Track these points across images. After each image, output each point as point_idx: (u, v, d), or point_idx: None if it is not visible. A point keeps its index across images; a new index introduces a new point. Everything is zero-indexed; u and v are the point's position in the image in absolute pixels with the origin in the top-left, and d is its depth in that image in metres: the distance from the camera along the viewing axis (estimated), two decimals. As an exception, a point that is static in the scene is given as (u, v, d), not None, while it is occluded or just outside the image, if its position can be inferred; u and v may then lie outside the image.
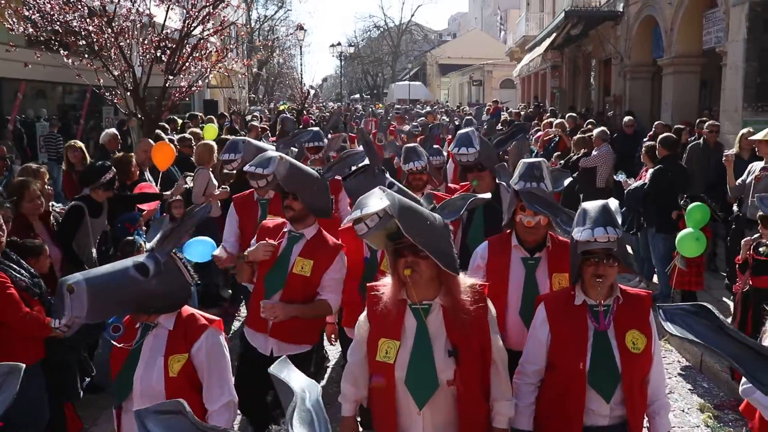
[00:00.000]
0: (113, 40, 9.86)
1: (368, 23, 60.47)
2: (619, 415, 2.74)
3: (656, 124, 10.60)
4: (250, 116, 19.92)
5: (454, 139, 4.72)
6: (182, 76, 10.90)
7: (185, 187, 6.60)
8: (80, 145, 7.79)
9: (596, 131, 9.67)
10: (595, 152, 9.32)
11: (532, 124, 14.79)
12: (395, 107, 27.23)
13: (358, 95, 60.05)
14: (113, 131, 8.97)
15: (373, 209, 2.34)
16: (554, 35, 18.67)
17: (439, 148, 5.92)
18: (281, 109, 26.26)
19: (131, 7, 10.26)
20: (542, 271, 3.37)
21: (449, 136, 10.84)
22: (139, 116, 10.69)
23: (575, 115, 14.38)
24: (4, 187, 5.43)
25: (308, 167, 3.91)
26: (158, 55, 10.45)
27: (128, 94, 10.54)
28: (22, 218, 4.58)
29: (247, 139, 5.67)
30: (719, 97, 11.05)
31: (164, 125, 10.59)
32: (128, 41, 10.32)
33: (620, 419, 2.75)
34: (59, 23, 9.78)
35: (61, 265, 4.78)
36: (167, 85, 10.76)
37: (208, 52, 11.61)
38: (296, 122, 14.22)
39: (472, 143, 4.35)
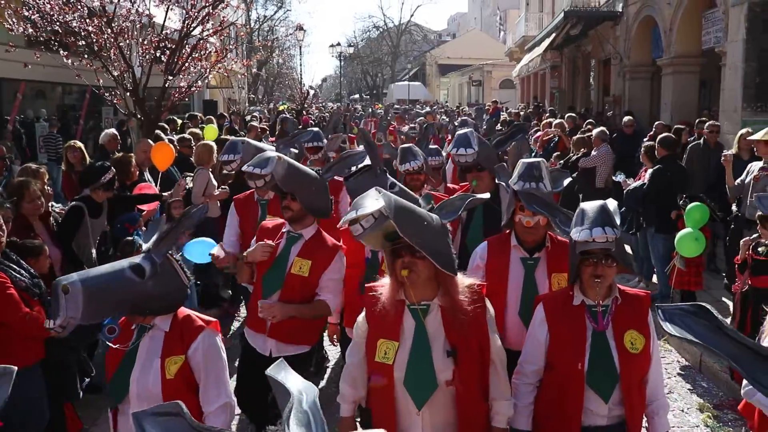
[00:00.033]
0: (113, 40, 9.86)
1: (368, 23, 60.53)
2: (617, 415, 2.74)
3: (656, 124, 10.59)
4: (249, 117, 19.91)
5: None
6: (182, 76, 10.89)
7: (185, 187, 6.61)
8: (80, 145, 7.81)
9: (595, 131, 9.68)
10: (594, 152, 9.33)
11: (531, 124, 14.80)
12: (394, 107, 27.20)
13: (357, 95, 59.98)
14: (113, 131, 8.97)
15: (368, 210, 2.33)
16: (553, 35, 18.68)
17: (437, 148, 5.91)
18: (280, 109, 26.25)
19: (131, 7, 10.27)
20: (541, 271, 3.37)
21: (449, 136, 10.83)
22: (138, 116, 10.70)
23: (574, 115, 14.38)
24: (3, 187, 5.44)
25: (307, 168, 3.91)
26: (158, 55, 10.45)
27: (128, 94, 10.54)
28: (22, 218, 4.59)
29: (246, 139, 5.67)
30: (718, 97, 11.06)
31: (164, 125, 10.59)
32: (128, 41, 10.33)
33: (619, 419, 2.75)
34: (59, 23, 9.77)
35: (61, 265, 4.79)
36: (167, 85, 10.76)
37: (207, 52, 11.62)
38: (296, 123, 14.20)
39: (470, 144, 4.36)
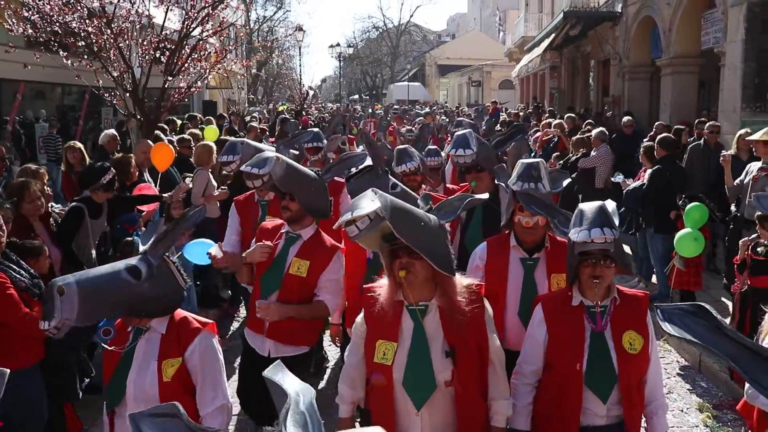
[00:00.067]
0: (112, 41, 9.87)
1: (367, 24, 60.37)
2: (615, 415, 2.75)
3: (657, 124, 10.61)
4: (249, 117, 19.91)
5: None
6: (181, 77, 10.90)
7: (186, 189, 6.62)
8: (79, 146, 7.81)
9: (594, 132, 9.69)
10: (594, 153, 9.34)
11: (530, 124, 14.80)
12: (393, 108, 27.18)
13: (357, 96, 59.98)
14: (112, 132, 8.98)
15: (364, 211, 2.33)
16: (553, 36, 18.69)
17: (436, 149, 5.89)
18: (280, 110, 26.24)
19: (130, 8, 10.28)
20: (541, 271, 3.37)
21: (448, 137, 10.82)
22: (138, 117, 10.71)
23: (574, 115, 14.38)
24: (3, 187, 5.44)
25: (306, 168, 3.91)
26: (157, 56, 10.46)
27: (127, 95, 10.55)
28: (22, 219, 4.59)
29: (245, 140, 5.68)
30: (717, 97, 11.06)
31: (163, 126, 10.60)
32: (127, 42, 10.33)
33: (617, 419, 2.75)
34: (59, 24, 9.78)
35: (60, 265, 4.79)
36: (166, 86, 10.76)
37: (207, 53, 11.63)
38: (297, 124, 14.18)
39: (469, 144, 4.35)
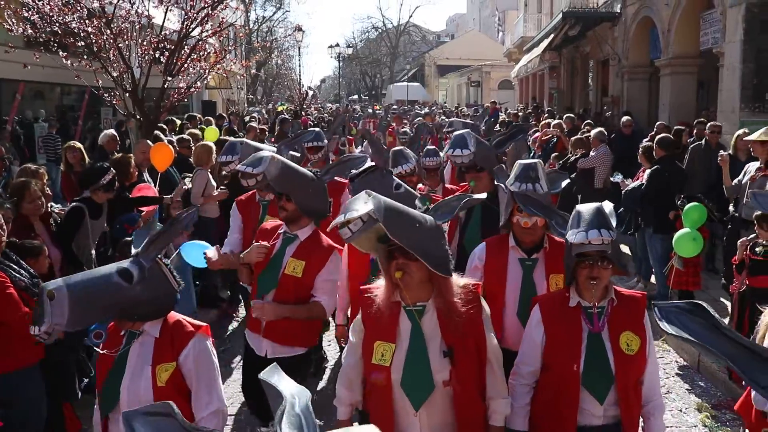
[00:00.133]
0: (112, 41, 9.87)
1: (366, 24, 60.32)
2: (612, 415, 2.76)
3: (658, 124, 10.61)
4: (248, 117, 19.91)
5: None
6: (181, 77, 10.91)
7: (185, 188, 6.63)
8: (79, 146, 7.83)
9: (593, 132, 9.70)
10: (593, 153, 9.35)
11: (530, 124, 14.80)
12: (392, 108, 27.17)
13: (356, 96, 59.96)
14: (112, 132, 8.98)
15: (356, 213, 2.33)
16: (552, 36, 18.70)
17: (435, 149, 5.90)
18: (279, 110, 26.25)
19: (130, 8, 10.29)
20: (539, 272, 3.38)
21: (447, 137, 10.81)
22: (137, 117, 10.71)
23: (573, 116, 14.40)
24: (3, 187, 5.45)
25: (304, 169, 3.88)
26: (157, 56, 10.46)
27: (127, 95, 10.56)
28: (22, 219, 4.61)
29: (245, 140, 5.69)
30: (716, 97, 11.07)
31: (163, 126, 10.60)
32: (127, 42, 10.34)
33: (614, 419, 2.76)
34: (58, 24, 9.78)
35: (60, 265, 4.80)
36: (166, 86, 10.77)
37: (206, 53, 11.63)
38: (299, 124, 14.15)
39: (466, 145, 4.35)
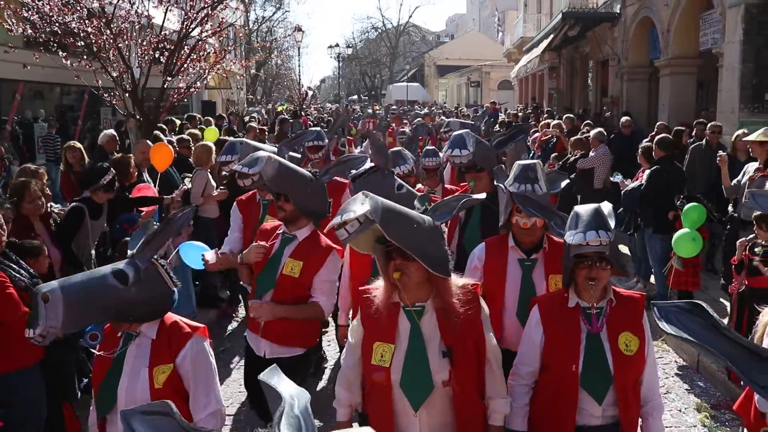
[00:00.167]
0: (112, 41, 9.87)
1: (366, 24, 60.23)
2: (611, 415, 2.76)
3: (658, 124, 10.63)
4: (248, 117, 19.91)
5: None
6: (180, 77, 10.91)
7: (185, 189, 6.63)
8: (79, 146, 7.83)
9: (593, 133, 9.71)
10: (592, 153, 9.36)
11: (530, 124, 14.81)
12: (391, 108, 27.18)
13: (356, 96, 59.95)
14: (111, 132, 8.98)
15: (353, 214, 2.33)
16: (552, 36, 18.71)
17: (434, 149, 5.90)
18: (279, 110, 26.24)
19: (130, 8, 10.29)
20: (539, 272, 3.38)
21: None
22: (137, 117, 10.72)
23: (572, 116, 14.40)
24: (2, 187, 5.45)
25: (302, 169, 3.86)
26: (156, 56, 10.46)
27: (126, 95, 10.55)
28: (22, 219, 4.61)
29: (245, 140, 5.68)
30: (716, 98, 11.08)
31: (162, 126, 10.60)
32: (127, 42, 10.34)
33: (613, 419, 2.77)
34: (58, 24, 9.78)
35: (60, 265, 4.80)
36: (165, 86, 10.77)
37: (206, 53, 11.64)
38: (301, 124, 14.10)
39: (465, 145, 4.34)
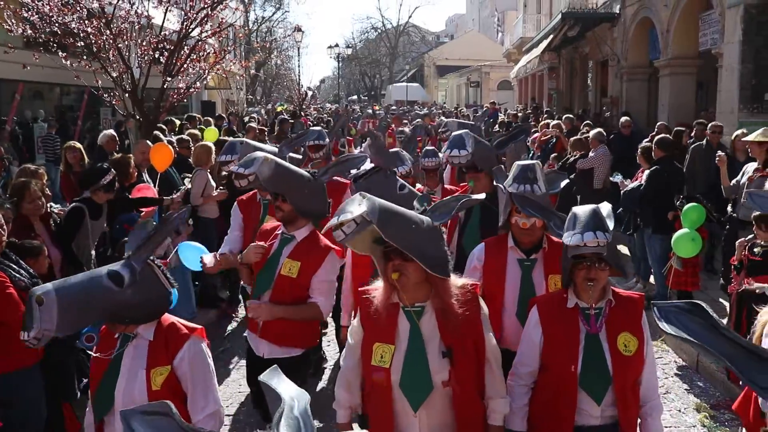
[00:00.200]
0: (111, 41, 9.87)
1: (366, 25, 60.24)
2: (610, 415, 2.77)
3: (659, 125, 10.64)
4: (247, 117, 19.90)
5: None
6: (180, 77, 10.90)
7: (184, 190, 6.64)
8: (79, 146, 7.83)
9: (592, 133, 9.73)
10: (592, 154, 9.37)
11: (530, 124, 14.82)
12: (391, 108, 27.19)
13: (355, 96, 59.96)
14: (111, 132, 8.98)
15: (350, 215, 2.33)
16: (551, 37, 18.72)
17: (434, 149, 5.91)
18: (278, 110, 26.24)
19: (129, 8, 10.28)
20: (538, 272, 3.38)
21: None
22: (137, 117, 10.72)
23: (572, 116, 14.41)
24: (2, 187, 5.45)
25: (300, 169, 3.85)
26: (156, 56, 10.46)
27: (126, 95, 10.55)
28: (22, 219, 4.61)
29: (245, 140, 5.68)
30: (715, 98, 11.09)
31: (162, 126, 10.60)
32: (126, 43, 10.34)
33: (612, 420, 2.77)
34: (58, 25, 9.78)
35: (60, 266, 4.80)
36: (165, 86, 10.77)
37: (206, 53, 11.63)
38: (303, 124, 14.08)
39: (464, 145, 4.34)
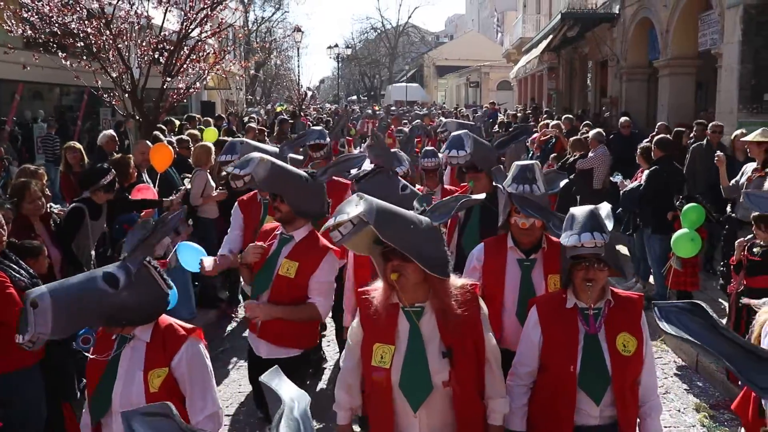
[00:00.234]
0: (111, 41, 9.86)
1: (365, 25, 60.23)
2: (609, 415, 2.77)
3: (659, 125, 10.65)
4: (247, 118, 19.90)
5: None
6: (180, 77, 10.90)
7: (183, 191, 6.64)
8: (79, 146, 7.84)
9: (592, 133, 9.74)
10: (591, 154, 9.38)
11: (530, 124, 14.83)
12: (390, 109, 27.20)
13: (355, 97, 59.94)
14: (111, 133, 8.98)
15: (347, 216, 2.33)
16: (551, 37, 18.73)
17: (434, 150, 5.91)
18: (278, 110, 26.24)
19: (129, 9, 10.28)
20: (538, 272, 3.39)
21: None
22: (136, 118, 10.71)
23: (572, 116, 14.42)
24: (2, 188, 5.45)
25: (297, 170, 3.84)
26: (156, 56, 10.46)
27: (126, 95, 10.54)
28: (23, 219, 4.61)
29: (245, 140, 5.69)
30: (715, 98, 11.11)
31: (162, 127, 10.60)
32: (126, 43, 10.33)
33: (611, 420, 2.78)
34: (57, 25, 9.77)
35: (60, 266, 4.81)
36: (165, 86, 10.76)
37: (205, 53, 11.62)
38: (304, 124, 14.10)
39: (463, 146, 4.33)
